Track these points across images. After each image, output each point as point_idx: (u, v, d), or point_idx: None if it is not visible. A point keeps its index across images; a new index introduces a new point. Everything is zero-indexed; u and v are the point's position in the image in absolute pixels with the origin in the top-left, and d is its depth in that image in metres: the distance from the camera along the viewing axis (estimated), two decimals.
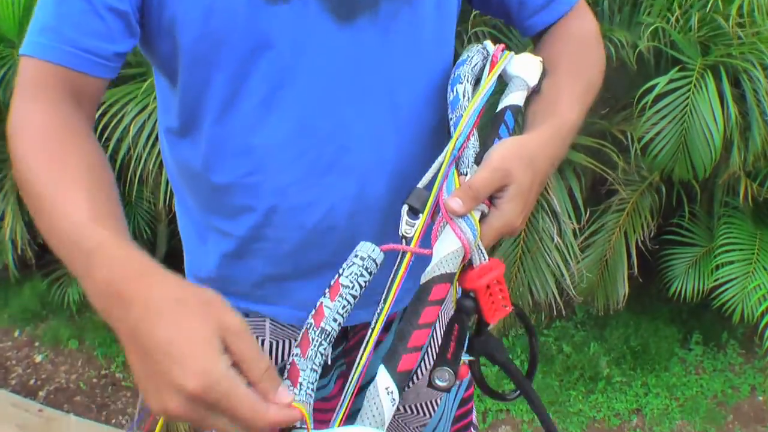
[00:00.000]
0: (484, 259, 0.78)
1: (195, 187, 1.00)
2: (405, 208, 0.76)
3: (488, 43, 0.94)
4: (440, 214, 0.76)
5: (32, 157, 0.77)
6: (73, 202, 0.70)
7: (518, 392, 0.93)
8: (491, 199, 0.79)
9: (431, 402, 1.27)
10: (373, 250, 0.73)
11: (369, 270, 0.73)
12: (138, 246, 0.68)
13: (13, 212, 3.06)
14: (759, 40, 2.37)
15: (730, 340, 3.09)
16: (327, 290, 0.72)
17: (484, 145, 0.83)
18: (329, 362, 0.72)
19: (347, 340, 1.15)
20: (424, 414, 1.27)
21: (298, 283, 1.01)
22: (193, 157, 0.95)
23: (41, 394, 3.24)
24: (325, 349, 0.70)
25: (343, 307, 0.71)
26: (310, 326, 0.70)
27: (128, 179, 2.78)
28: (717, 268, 2.66)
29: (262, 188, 0.91)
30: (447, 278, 0.74)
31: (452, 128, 0.83)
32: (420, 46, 0.92)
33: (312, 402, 0.69)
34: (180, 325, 0.59)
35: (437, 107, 0.96)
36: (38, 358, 3.49)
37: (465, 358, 0.82)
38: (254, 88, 0.86)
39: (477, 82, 0.90)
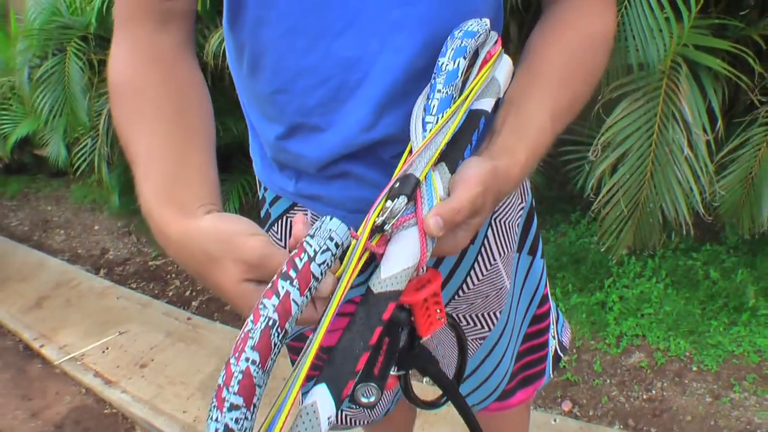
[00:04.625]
0: (423, 271, 0.72)
1: (242, 86, 1.04)
2: (403, 200, 0.69)
3: (488, 22, 0.84)
4: (406, 213, 0.70)
5: (116, 114, 0.86)
6: (142, 176, 0.79)
7: (446, 399, 0.91)
8: None
9: (488, 315, 1.23)
10: (347, 237, 0.67)
11: (335, 257, 0.66)
12: (181, 210, 0.75)
13: None
14: None
15: None
16: (295, 278, 0.62)
17: (456, 145, 0.77)
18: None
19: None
20: (482, 326, 1.24)
21: (321, 186, 1.04)
22: (239, 59, 0.97)
23: (194, 304, 3.51)
24: (278, 354, 0.62)
25: (304, 301, 0.63)
26: (274, 325, 0.60)
27: None
28: None
29: (289, 107, 0.93)
30: (397, 296, 0.68)
31: (436, 101, 0.77)
32: None
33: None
34: (218, 279, 0.69)
35: None
36: None
37: (395, 373, 0.78)
38: (284, 11, 0.86)
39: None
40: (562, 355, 1.43)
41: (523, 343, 1.34)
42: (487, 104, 0.81)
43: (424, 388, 0.96)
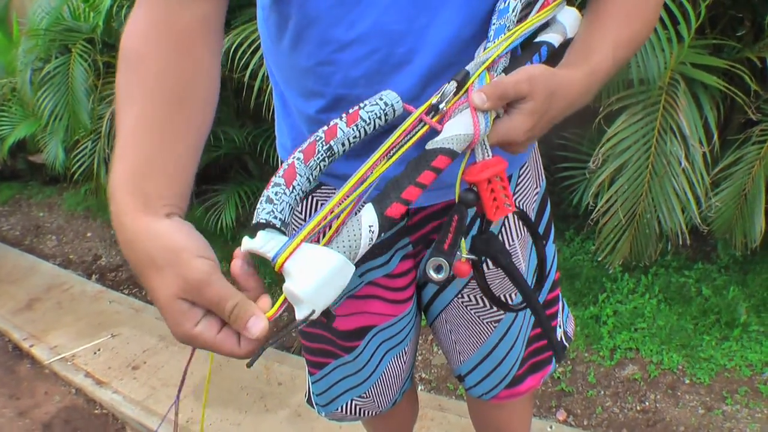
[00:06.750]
0: (488, 156, 0.81)
1: (280, 63, 1.06)
2: (453, 84, 0.80)
3: None
4: (463, 98, 0.80)
5: (117, 78, 0.82)
6: (119, 154, 0.77)
7: (524, 303, 0.95)
8: (507, 107, 0.82)
9: (504, 297, 1.26)
10: (397, 102, 0.77)
11: (387, 116, 0.76)
12: (144, 204, 0.73)
13: None
14: None
15: None
16: (344, 115, 0.75)
17: (516, 62, 0.88)
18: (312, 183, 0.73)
19: (408, 217, 1.17)
20: (498, 308, 1.27)
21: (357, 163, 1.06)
22: (281, 32, 0.99)
23: None
24: (325, 166, 0.73)
25: (355, 136, 0.74)
26: (320, 140, 0.72)
27: None
28: None
29: (333, 78, 0.95)
30: (450, 153, 0.76)
31: (492, 31, 0.88)
32: None
33: (296, 208, 0.73)
34: (155, 287, 0.68)
35: None
36: None
37: (467, 256, 0.85)
38: None
39: (525, 7, 0.92)
40: (566, 344, 1.46)
41: (533, 328, 1.37)
42: (551, 38, 0.92)
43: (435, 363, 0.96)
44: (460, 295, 1.26)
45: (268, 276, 2.76)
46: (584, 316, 2.88)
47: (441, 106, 0.79)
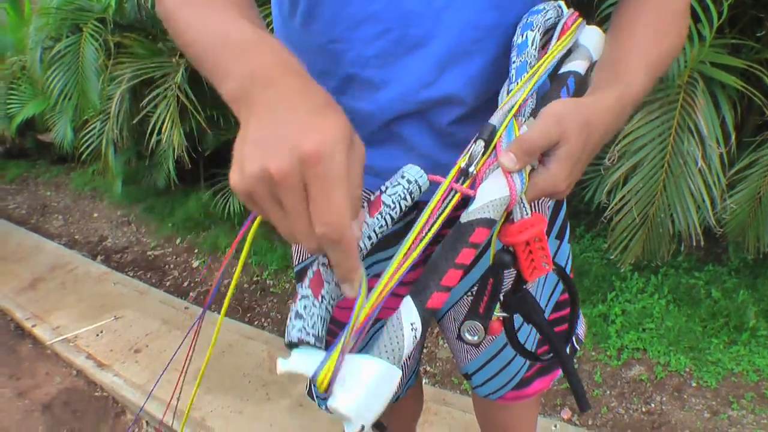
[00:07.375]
0: (527, 214, 0.76)
1: (291, 41, 1.03)
2: (480, 143, 0.75)
3: (563, 3, 0.93)
4: (492, 156, 0.75)
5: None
6: (226, 13, 0.74)
7: (552, 354, 0.92)
8: (542, 156, 0.76)
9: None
10: (421, 176, 0.71)
11: (413, 195, 0.71)
12: None
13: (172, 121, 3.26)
14: None
15: None
16: (366, 204, 0.69)
17: (544, 102, 0.81)
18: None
19: (417, 211, 1.14)
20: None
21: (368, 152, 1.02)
22: (293, 9, 0.96)
23: (192, 294, 3.48)
24: None
25: (380, 226, 0.69)
26: None
27: None
28: None
29: (345, 56, 0.92)
30: (488, 223, 0.71)
31: (514, 71, 0.84)
32: None
33: (329, 317, 0.67)
34: (326, 114, 0.59)
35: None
36: (195, 263, 3.74)
37: (499, 314, 0.81)
38: None
39: (543, 35, 0.89)
40: (577, 347, 1.43)
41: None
42: (577, 66, 0.87)
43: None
44: (469, 293, 1.24)
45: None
46: (592, 314, 2.86)
47: (470, 169, 0.74)
